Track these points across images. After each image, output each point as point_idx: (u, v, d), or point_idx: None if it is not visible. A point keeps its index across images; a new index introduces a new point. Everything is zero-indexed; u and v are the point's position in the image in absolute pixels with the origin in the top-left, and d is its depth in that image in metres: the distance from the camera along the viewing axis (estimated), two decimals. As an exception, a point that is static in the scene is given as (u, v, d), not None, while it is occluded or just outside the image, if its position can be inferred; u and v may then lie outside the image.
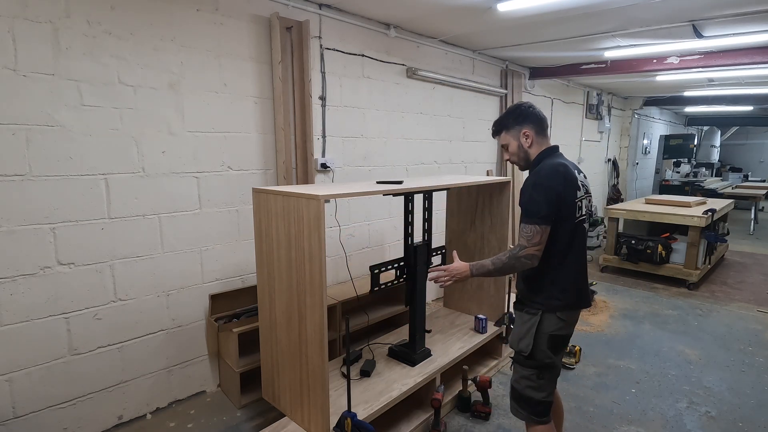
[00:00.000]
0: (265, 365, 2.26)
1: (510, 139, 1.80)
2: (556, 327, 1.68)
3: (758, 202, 7.96)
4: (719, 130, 10.98)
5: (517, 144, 1.79)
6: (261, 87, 2.71)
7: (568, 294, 1.69)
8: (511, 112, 1.81)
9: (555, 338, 1.69)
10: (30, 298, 2.02)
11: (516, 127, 1.78)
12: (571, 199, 1.65)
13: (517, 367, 1.78)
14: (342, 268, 3.27)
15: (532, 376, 1.71)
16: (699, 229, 4.61)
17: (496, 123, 1.85)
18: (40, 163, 1.98)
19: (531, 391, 1.72)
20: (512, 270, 1.68)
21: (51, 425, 2.13)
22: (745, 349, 3.35)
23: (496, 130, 1.86)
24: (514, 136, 1.79)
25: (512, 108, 1.83)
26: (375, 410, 2.07)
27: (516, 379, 1.77)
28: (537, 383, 1.71)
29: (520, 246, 1.63)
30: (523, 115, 1.77)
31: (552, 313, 1.68)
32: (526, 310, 1.74)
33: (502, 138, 1.84)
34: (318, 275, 1.79)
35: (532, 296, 1.73)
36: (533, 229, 1.61)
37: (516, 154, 1.81)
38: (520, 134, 1.77)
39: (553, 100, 5.71)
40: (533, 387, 1.72)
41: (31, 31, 1.90)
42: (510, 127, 1.79)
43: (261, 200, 2.07)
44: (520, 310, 1.79)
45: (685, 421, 2.47)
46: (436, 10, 3.03)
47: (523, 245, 1.62)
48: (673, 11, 3.04)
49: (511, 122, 1.79)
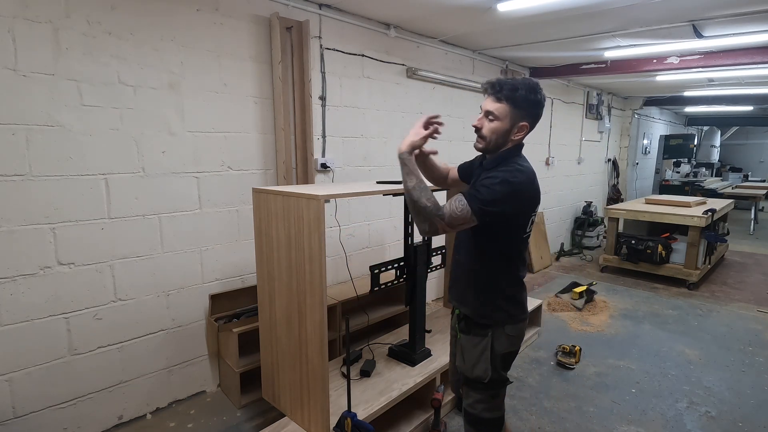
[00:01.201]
0: (265, 365, 2.26)
1: (505, 116, 1.45)
2: (508, 345, 1.58)
3: (758, 202, 7.96)
4: (719, 130, 10.98)
5: (507, 128, 1.46)
6: (261, 87, 2.71)
7: (517, 305, 1.60)
8: (528, 94, 1.44)
9: (507, 356, 1.61)
10: (30, 298, 2.02)
11: (521, 112, 1.45)
12: (530, 212, 1.53)
13: (469, 392, 1.66)
14: (342, 268, 3.27)
15: (487, 399, 1.62)
16: (699, 229, 4.61)
17: (506, 86, 1.43)
18: (40, 163, 1.98)
19: (487, 413, 1.63)
20: (414, 209, 1.41)
21: (51, 425, 2.13)
22: (745, 349, 3.35)
23: (502, 95, 1.43)
24: (512, 119, 1.45)
25: (530, 87, 1.44)
26: (375, 410, 2.07)
27: (470, 404, 1.65)
28: (493, 404, 1.64)
29: (444, 212, 1.38)
30: (535, 107, 1.47)
31: (501, 329, 1.56)
32: (473, 332, 1.60)
33: (498, 107, 1.44)
34: (318, 275, 1.79)
35: (482, 309, 1.59)
36: (466, 212, 1.37)
37: (497, 134, 1.47)
38: (519, 123, 1.46)
39: (553, 100, 5.71)
40: (489, 408, 1.63)
41: (31, 31, 1.90)
42: (519, 106, 1.44)
43: (261, 200, 2.07)
44: (466, 333, 1.62)
45: (685, 421, 2.47)
46: (436, 10, 3.03)
47: (444, 214, 1.38)
48: (673, 11, 3.04)
49: (521, 103, 1.44)
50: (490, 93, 1.47)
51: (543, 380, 2.89)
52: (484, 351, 1.58)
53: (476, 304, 1.60)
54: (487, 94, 1.48)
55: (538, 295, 4.35)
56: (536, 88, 1.46)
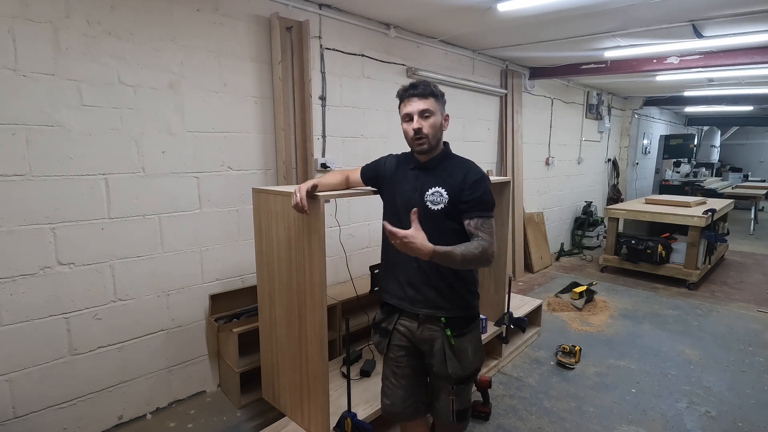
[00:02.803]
0: (265, 365, 2.26)
1: (437, 110, 1.54)
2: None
3: (758, 202, 7.96)
4: (719, 130, 10.97)
5: (440, 121, 1.56)
6: (261, 87, 2.71)
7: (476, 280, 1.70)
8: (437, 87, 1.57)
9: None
10: (30, 298, 2.02)
11: (443, 104, 1.58)
12: None
13: (463, 389, 1.66)
14: (342, 268, 3.27)
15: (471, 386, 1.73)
16: (699, 229, 4.62)
17: (425, 83, 1.54)
18: (40, 163, 1.98)
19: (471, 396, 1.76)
20: (476, 266, 1.50)
21: (51, 425, 2.13)
22: (745, 349, 3.35)
23: (426, 91, 1.52)
24: (441, 111, 1.56)
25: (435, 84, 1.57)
26: (375, 410, 2.07)
27: (464, 400, 1.69)
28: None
29: (488, 241, 1.47)
30: (444, 98, 1.59)
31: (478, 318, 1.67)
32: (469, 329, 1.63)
33: (428, 103, 1.52)
34: (318, 275, 1.79)
35: (471, 300, 1.65)
36: (490, 221, 1.51)
37: (435, 128, 1.54)
38: (444, 115, 1.58)
39: (553, 100, 5.71)
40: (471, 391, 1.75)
41: (31, 31, 1.90)
42: (439, 98, 1.56)
43: (261, 200, 2.07)
44: (462, 335, 1.60)
45: (685, 421, 2.47)
46: (436, 10, 3.03)
47: (490, 240, 1.48)
48: (673, 11, 3.04)
49: (441, 96, 1.57)
50: (412, 95, 1.53)
51: (543, 380, 2.89)
52: (479, 339, 1.66)
53: (465, 298, 1.62)
54: (407, 97, 1.55)
55: (538, 295, 4.35)
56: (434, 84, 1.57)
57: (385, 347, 1.71)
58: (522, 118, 5.03)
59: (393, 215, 1.65)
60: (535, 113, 5.38)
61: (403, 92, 1.56)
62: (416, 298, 1.61)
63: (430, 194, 1.55)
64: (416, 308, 1.62)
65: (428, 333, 1.62)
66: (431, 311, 1.60)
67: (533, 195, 5.52)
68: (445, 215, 1.54)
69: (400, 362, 1.70)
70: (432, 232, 1.40)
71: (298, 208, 1.62)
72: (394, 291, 1.67)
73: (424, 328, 1.62)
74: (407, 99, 1.55)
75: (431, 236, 1.39)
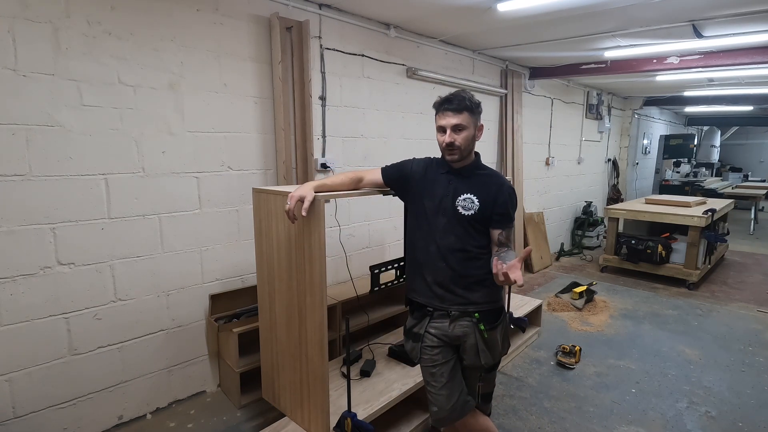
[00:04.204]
0: (265, 365, 2.26)
1: (470, 124, 1.60)
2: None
3: (758, 202, 7.96)
4: (719, 130, 10.96)
5: (473, 134, 1.62)
6: (261, 87, 2.71)
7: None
8: (473, 98, 1.61)
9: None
10: (30, 298, 2.02)
11: (478, 115, 1.63)
12: None
13: (491, 375, 1.77)
14: (342, 268, 3.27)
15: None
16: (699, 229, 4.62)
17: (461, 98, 1.58)
18: (40, 163, 1.98)
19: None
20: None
21: (51, 425, 2.13)
22: (745, 349, 3.35)
23: (460, 106, 1.57)
24: (474, 124, 1.61)
25: (471, 95, 1.61)
26: (375, 410, 2.07)
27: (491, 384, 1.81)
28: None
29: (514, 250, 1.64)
30: (480, 106, 1.64)
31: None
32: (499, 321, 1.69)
33: (461, 117, 1.58)
34: (318, 275, 1.79)
35: (497, 293, 1.71)
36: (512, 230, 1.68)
37: (467, 141, 1.60)
38: (478, 126, 1.64)
39: (553, 100, 5.71)
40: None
41: (31, 31, 1.90)
42: (474, 112, 1.61)
43: (261, 200, 2.07)
44: (494, 327, 1.66)
45: (685, 421, 2.47)
46: (436, 10, 3.03)
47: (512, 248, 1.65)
48: (673, 11, 3.04)
49: (475, 108, 1.61)
50: (446, 109, 1.59)
51: (543, 380, 2.89)
52: (507, 328, 1.72)
53: (492, 292, 1.67)
54: (442, 111, 1.61)
55: (538, 295, 4.35)
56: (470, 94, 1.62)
57: (418, 352, 1.72)
58: (522, 118, 5.03)
59: (419, 217, 1.71)
60: (535, 113, 5.38)
61: (439, 105, 1.63)
62: (446, 297, 1.66)
63: (462, 199, 1.63)
64: (447, 305, 1.66)
65: (461, 329, 1.65)
66: (463, 307, 1.64)
67: (533, 195, 5.52)
68: (474, 221, 1.62)
69: (436, 360, 1.69)
70: (459, 234, 1.59)
71: (289, 215, 1.64)
72: (422, 290, 1.72)
73: (456, 325, 1.66)
74: (442, 112, 1.62)
75: (457, 238, 1.59)
